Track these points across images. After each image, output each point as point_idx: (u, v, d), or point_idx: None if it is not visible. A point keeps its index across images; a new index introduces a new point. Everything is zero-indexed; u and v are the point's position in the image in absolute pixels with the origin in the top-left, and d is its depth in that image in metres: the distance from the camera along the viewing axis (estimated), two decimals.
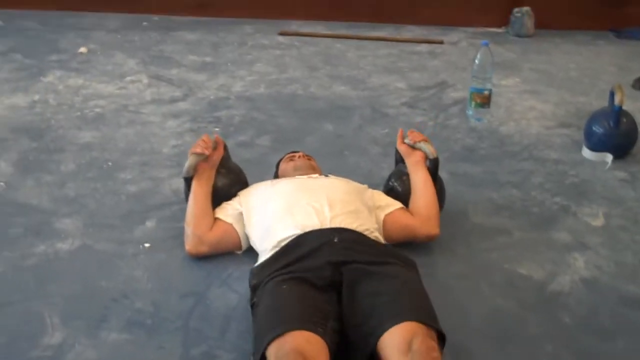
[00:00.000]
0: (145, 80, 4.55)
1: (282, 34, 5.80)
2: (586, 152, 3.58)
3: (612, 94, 3.55)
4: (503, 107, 4.21)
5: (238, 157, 3.01)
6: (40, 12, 5.88)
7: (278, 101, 4.29)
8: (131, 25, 5.74)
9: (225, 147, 2.89)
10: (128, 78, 4.59)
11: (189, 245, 2.67)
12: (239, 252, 2.69)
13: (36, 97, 4.21)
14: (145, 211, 3.02)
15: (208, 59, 5.04)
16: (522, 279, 2.62)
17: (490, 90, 3.99)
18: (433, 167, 2.81)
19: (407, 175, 2.84)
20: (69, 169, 3.37)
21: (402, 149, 2.87)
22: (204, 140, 2.76)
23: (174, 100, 4.25)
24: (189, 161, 2.72)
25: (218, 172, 2.80)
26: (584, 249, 2.80)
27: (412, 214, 2.74)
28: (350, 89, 4.49)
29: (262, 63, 5.03)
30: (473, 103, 3.99)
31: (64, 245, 2.77)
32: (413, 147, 2.83)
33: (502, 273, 2.65)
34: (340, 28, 6.01)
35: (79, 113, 4.01)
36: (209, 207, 2.70)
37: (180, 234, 2.80)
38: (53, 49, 5.09)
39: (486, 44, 3.96)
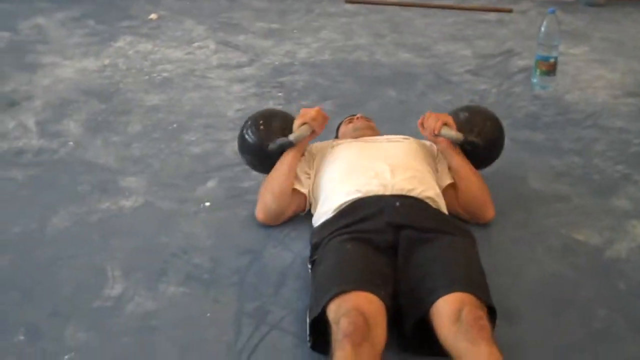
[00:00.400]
0: (213, 46, 4.62)
1: (349, 1, 5.78)
2: None
3: None
4: (570, 76, 4.15)
5: None
6: None
7: (342, 67, 4.31)
8: None
9: None
10: (196, 44, 4.66)
11: (264, 215, 2.66)
12: (302, 214, 2.72)
13: (106, 62, 4.31)
14: (207, 172, 3.09)
15: (275, 26, 5.07)
16: (578, 244, 2.61)
17: (556, 58, 3.93)
18: (469, 148, 2.69)
19: None
20: (135, 130, 3.46)
21: (425, 135, 2.72)
22: (322, 116, 2.69)
23: (239, 66, 4.30)
24: (303, 130, 2.63)
25: None
26: None
27: (460, 203, 2.65)
28: (415, 56, 4.48)
29: (328, 30, 5.04)
30: (538, 71, 3.94)
31: (127, 203, 2.86)
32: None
33: (559, 238, 2.64)
34: None
35: (147, 77, 4.10)
36: (294, 182, 2.67)
37: (240, 194, 2.88)
38: (124, 15, 5.19)
39: (552, 12, 3.89)
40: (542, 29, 3.88)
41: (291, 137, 2.63)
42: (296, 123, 2.67)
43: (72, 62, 4.29)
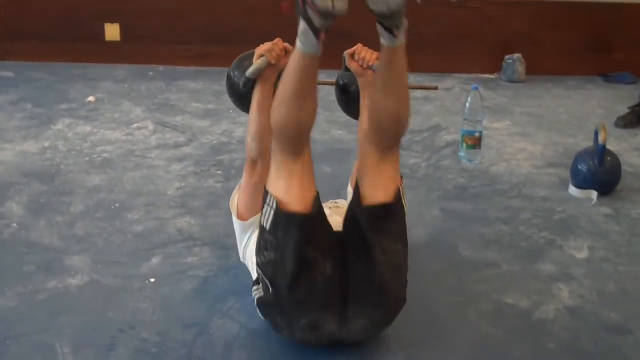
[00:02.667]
0: (151, 127, 4.72)
1: None
2: (572, 190, 3.73)
3: (596, 134, 3.71)
4: (494, 149, 4.36)
5: None
6: (50, 64, 6.06)
7: None
8: (138, 76, 5.92)
9: None
10: (135, 125, 4.76)
11: (249, 154, 2.69)
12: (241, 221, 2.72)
13: (46, 144, 4.37)
14: (150, 249, 3.16)
15: (211, 107, 5.20)
16: (509, 308, 2.76)
17: (481, 133, 4.15)
18: None
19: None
20: (78, 210, 3.52)
21: (354, 67, 2.76)
22: (279, 47, 2.63)
23: (178, 146, 4.41)
24: (259, 64, 2.59)
25: None
26: (569, 280, 2.94)
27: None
28: (347, 133, 4.64)
29: None
30: (465, 145, 4.15)
31: (73, 281, 2.91)
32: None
33: (490, 303, 2.79)
34: None
35: (87, 158, 4.17)
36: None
37: (183, 270, 2.96)
38: (62, 99, 5.26)
39: (476, 88, 4.13)
40: (467, 105, 4.10)
41: (247, 72, 2.62)
42: (255, 58, 2.64)
43: (13, 145, 4.34)
